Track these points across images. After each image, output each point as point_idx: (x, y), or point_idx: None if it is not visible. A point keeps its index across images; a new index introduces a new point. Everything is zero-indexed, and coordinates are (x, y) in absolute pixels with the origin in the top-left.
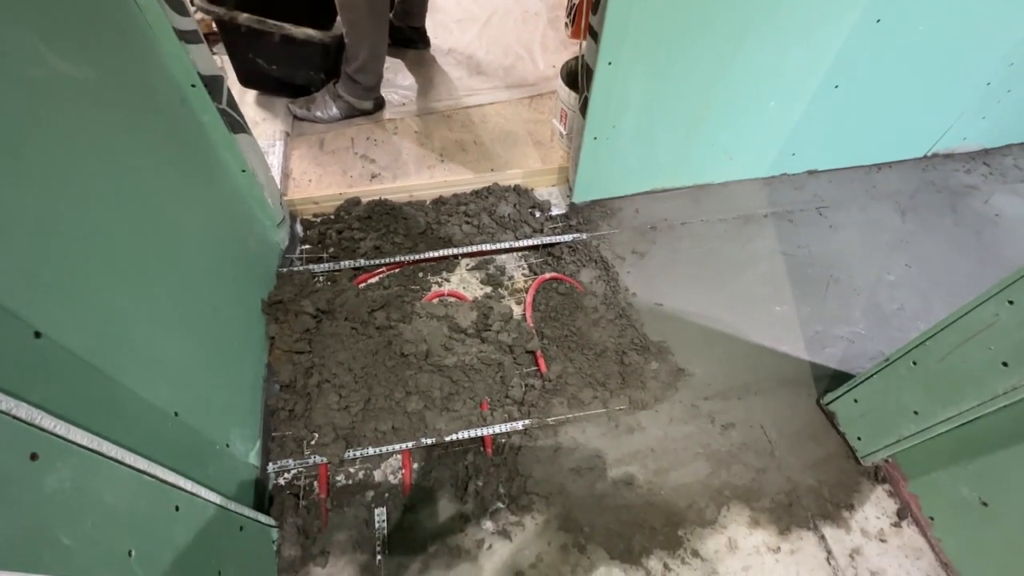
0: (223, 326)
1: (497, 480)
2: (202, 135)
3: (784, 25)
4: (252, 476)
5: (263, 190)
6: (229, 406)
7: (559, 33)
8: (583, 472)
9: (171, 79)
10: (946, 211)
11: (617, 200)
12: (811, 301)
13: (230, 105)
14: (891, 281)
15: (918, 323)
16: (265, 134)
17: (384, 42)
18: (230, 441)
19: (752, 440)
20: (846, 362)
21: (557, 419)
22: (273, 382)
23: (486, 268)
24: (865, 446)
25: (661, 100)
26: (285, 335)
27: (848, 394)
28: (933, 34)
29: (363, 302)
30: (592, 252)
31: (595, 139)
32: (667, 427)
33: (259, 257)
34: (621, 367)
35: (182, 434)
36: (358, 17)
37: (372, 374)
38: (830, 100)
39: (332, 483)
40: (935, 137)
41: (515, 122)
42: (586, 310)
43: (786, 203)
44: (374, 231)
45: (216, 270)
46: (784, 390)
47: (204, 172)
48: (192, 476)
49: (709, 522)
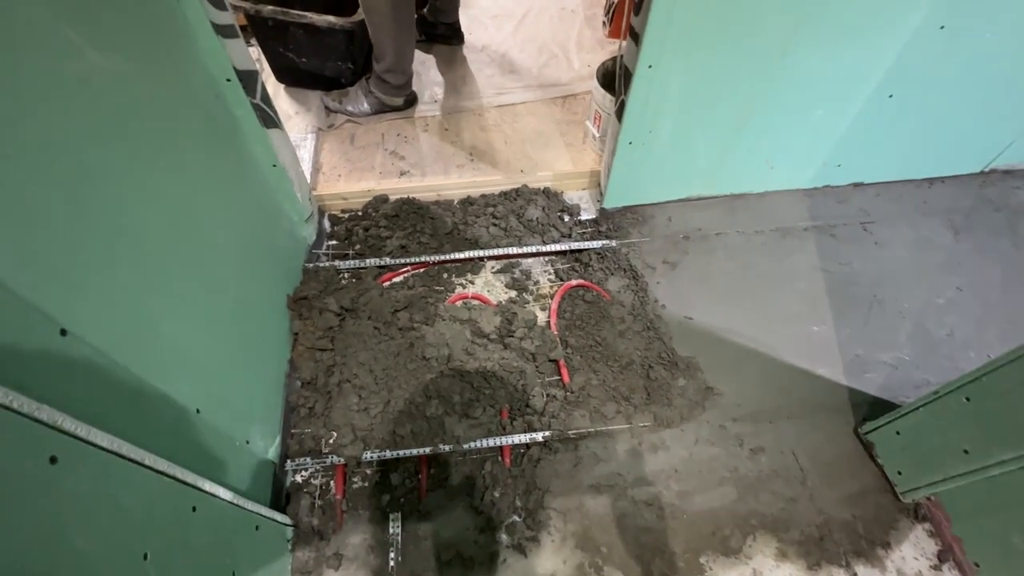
0: (248, 321)
1: (514, 492)
2: (235, 129)
3: (837, 28)
4: (270, 473)
5: (293, 185)
6: (250, 402)
7: (596, 32)
8: (603, 489)
9: (207, 73)
10: (1004, 231)
11: (649, 207)
12: (852, 322)
13: (263, 100)
14: (941, 305)
15: (969, 352)
16: (297, 128)
17: (410, 43)
18: (250, 438)
19: (783, 467)
20: (888, 389)
21: (578, 432)
22: (295, 378)
23: (512, 272)
24: (906, 482)
25: (701, 105)
26: (309, 332)
27: (890, 425)
28: (1000, 42)
29: (387, 302)
30: (621, 260)
31: (630, 144)
32: (693, 448)
33: (286, 252)
34: (647, 381)
35: (203, 432)
36: (381, 20)
37: (393, 376)
38: (882, 109)
39: (349, 484)
40: (995, 152)
41: (547, 123)
42: (612, 320)
43: (828, 217)
44: (401, 230)
45: (243, 265)
46: (819, 416)
47: (236, 166)
48: (211, 474)
49: (733, 551)
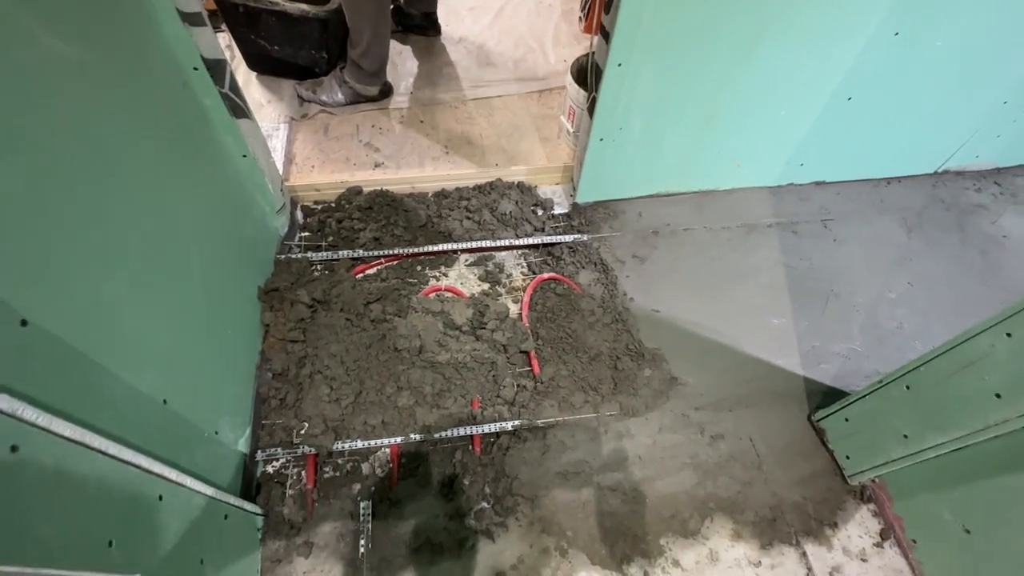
0: (217, 312)
1: (484, 480)
2: (203, 119)
3: (800, 33)
4: (240, 463)
5: (264, 176)
6: (220, 393)
7: (573, 26)
8: (569, 476)
9: (173, 61)
10: (953, 229)
11: (620, 202)
12: (810, 315)
13: (232, 89)
14: (892, 299)
15: (916, 343)
16: (269, 117)
17: (387, 25)
18: (219, 428)
19: (740, 453)
20: (840, 379)
21: (547, 421)
22: (266, 370)
23: (485, 265)
24: (853, 465)
25: (670, 104)
26: (280, 323)
27: (840, 412)
28: (952, 49)
29: (359, 294)
30: (592, 254)
31: (601, 140)
32: (656, 435)
33: (257, 243)
34: (614, 372)
35: (170, 422)
36: (360, 2)
37: (364, 367)
38: (842, 112)
39: (320, 474)
40: (947, 154)
41: (522, 117)
42: (583, 312)
43: (791, 214)
44: (374, 222)
45: (212, 256)
46: (776, 404)
47: (204, 156)
48: (178, 464)
49: (692, 533)
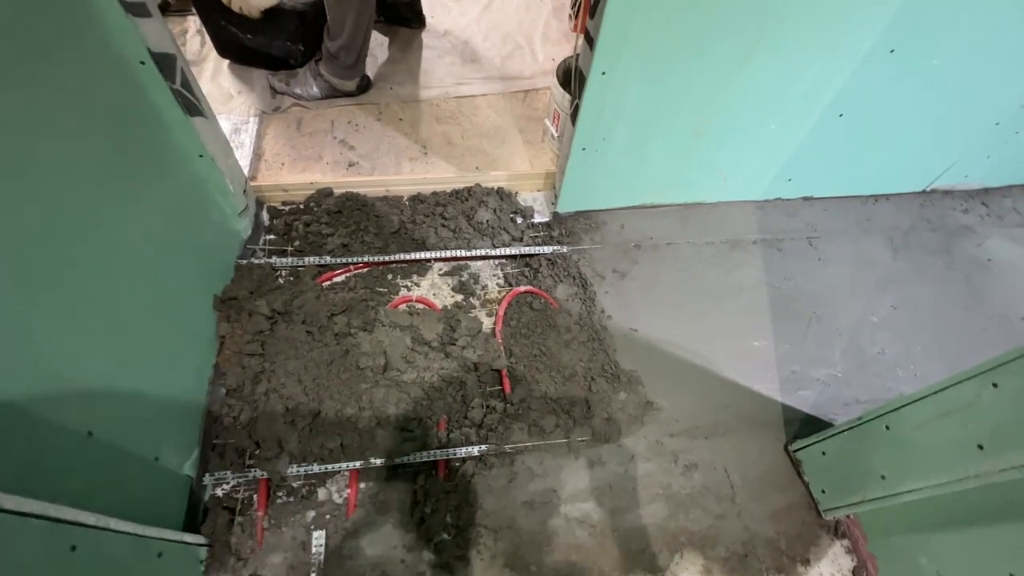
0: (164, 327)
1: (446, 508)
2: (152, 117)
3: (793, 47)
4: (185, 488)
5: (224, 177)
6: (163, 415)
7: (563, 23)
8: (536, 506)
9: (115, 55)
10: (939, 251)
11: (603, 213)
12: (791, 338)
13: (184, 86)
14: (875, 323)
15: (897, 370)
16: (239, 110)
17: (370, 17)
18: (160, 454)
19: (714, 484)
20: (819, 407)
21: (515, 446)
22: (220, 385)
23: (459, 275)
24: (828, 500)
25: (657, 114)
26: (236, 336)
27: (817, 445)
28: (947, 69)
29: (324, 305)
30: (571, 267)
31: (583, 150)
32: (628, 464)
33: (216, 248)
34: (588, 394)
35: (95, 456)
36: None
37: (324, 386)
38: (833, 128)
39: (272, 499)
40: (936, 173)
41: (507, 117)
42: (559, 329)
43: (777, 230)
44: (344, 227)
45: (159, 264)
46: (753, 432)
47: (153, 157)
48: (103, 502)
49: (660, 569)
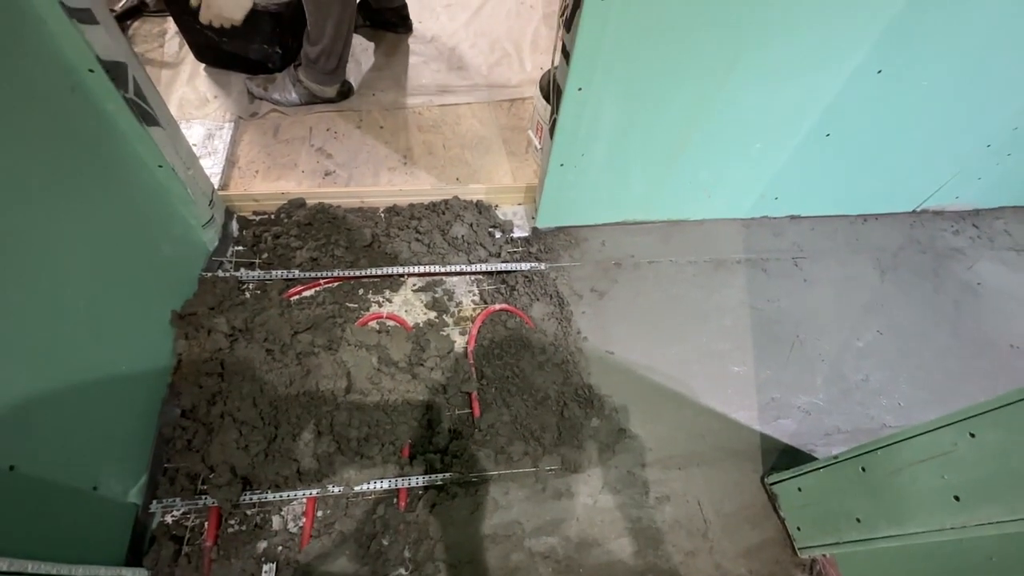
0: (111, 346)
1: (405, 540)
2: (104, 127)
3: (777, 64)
4: (130, 517)
5: (185, 187)
6: (103, 441)
7: (553, 31)
8: (499, 540)
9: (58, 63)
10: (928, 274)
11: (584, 229)
12: (772, 363)
13: (138, 95)
14: (859, 348)
15: (880, 399)
16: (214, 115)
17: (350, 22)
18: (99, 483)
19: (686, 517)
20: (798, 436)
21: (481, 475)
22: (174, 405)
23: (434, 291)
24: (804, 538)
25: (637, 131)
26: (194, 354)
27: (793, 480)
28: (937, 90)
29: (287, 322)
30: (549, 285)
31: (562, 166)
32: (598, 495)
33: (176, 262)
34: (560, 420)
35: (17, 491)
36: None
37: (282, 409)
38: (820, 147)
39: (224, 528)
40: (927, 193)
41: (490, 128)
42: (533, 350)
43: (762, 249)
44: (313, 240)
45: (106, 280)
46: (729, 462)
47: (103, 169)
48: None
49: None
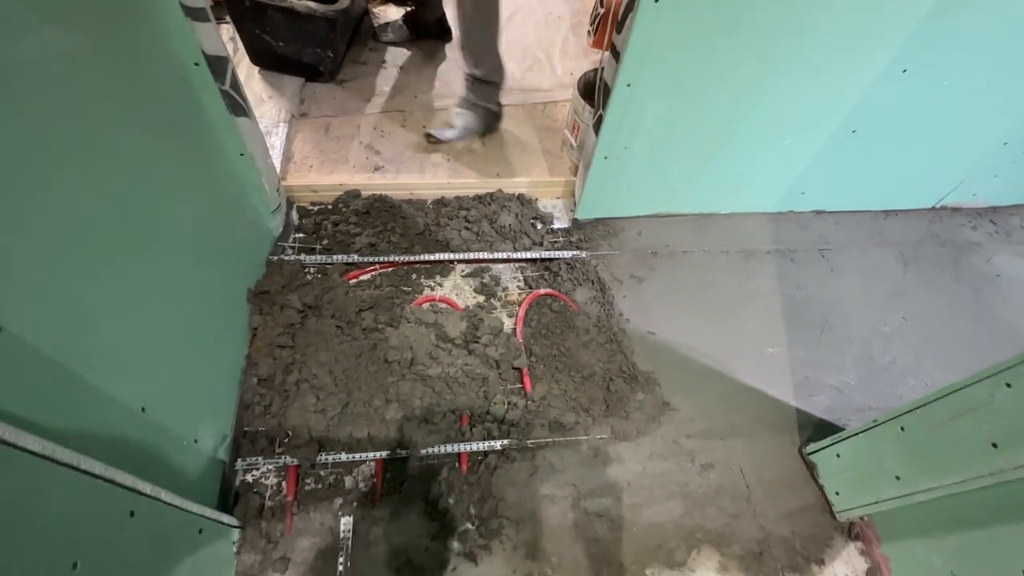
0: (202, 315)
1: (469, 499)
2: (201, 116)
3: (809, 66)
4: (218, 472)
5: (260, 175)
6: (201, 399)
7: (581, 40)
8: (556, 500)
9: (173, 56)
10: (948, 265)
11: (621, 220)
12: (804, 345)
13: (233, 87)
14: (886, 333)
15: (908, 379)
16: (269, 114)
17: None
18: (199, 436)
19: (730, 483)
20: (832, 411)
21: (536, 442)
22: (252, 375)
23: (481, 276)
24: (842, 502)
25: (677, 126)
26: (268, 328)
27: (831, 448)
28: (958, 89)
29: (352, 301)
30: (590, 272)
31: (605, 159)
32: (646, 462)
33: (250, 244)
34: (607, 394)
35: (147, 431)
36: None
37: (353, 378)
38: (846, 144)
39: (301, 486)
40: (946, 190)
41: (526, 128)
42: (578, 331)
43: (790, 241)
44: (371, 227)
45: (200, 257)
46: (767, 434)
47: (198, 154)
48: (153, 476)
49: (678, 564)
